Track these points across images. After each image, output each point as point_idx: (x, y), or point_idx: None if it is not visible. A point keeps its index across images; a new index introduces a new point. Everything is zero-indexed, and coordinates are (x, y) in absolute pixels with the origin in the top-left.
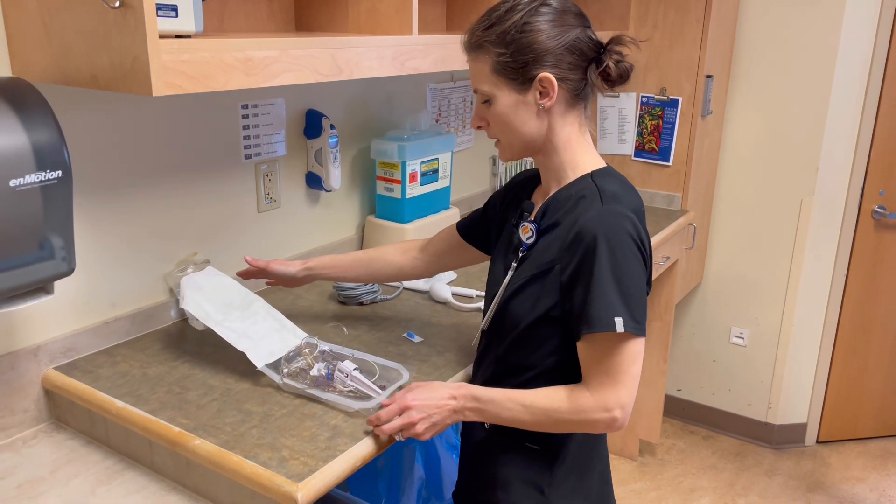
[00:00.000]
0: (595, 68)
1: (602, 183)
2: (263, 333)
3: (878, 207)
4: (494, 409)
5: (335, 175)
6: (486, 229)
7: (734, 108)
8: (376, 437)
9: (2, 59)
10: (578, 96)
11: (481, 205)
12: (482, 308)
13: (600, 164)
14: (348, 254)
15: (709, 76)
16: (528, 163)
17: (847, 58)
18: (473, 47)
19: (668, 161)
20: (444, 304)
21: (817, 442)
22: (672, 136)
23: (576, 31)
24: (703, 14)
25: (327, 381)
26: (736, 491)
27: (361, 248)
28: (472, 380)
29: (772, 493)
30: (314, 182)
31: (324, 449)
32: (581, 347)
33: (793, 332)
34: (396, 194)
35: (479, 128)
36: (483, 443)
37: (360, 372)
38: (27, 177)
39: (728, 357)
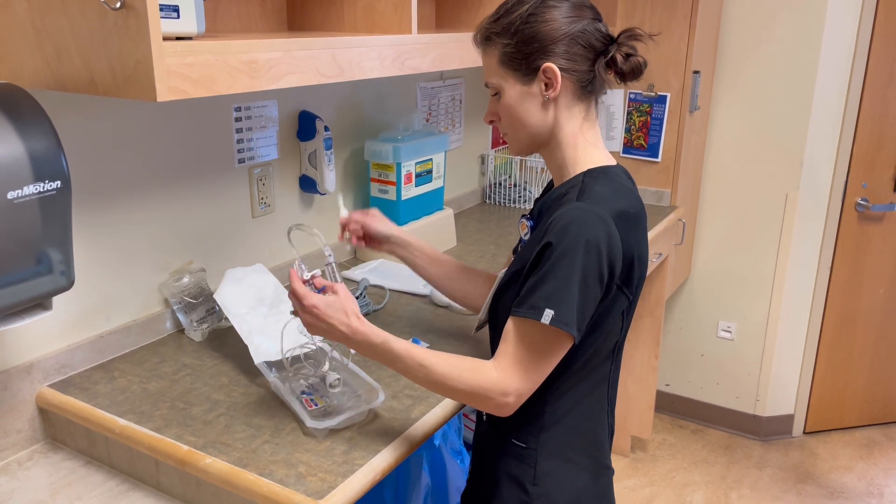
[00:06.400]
0: (603, 60)
1: (590, 181)
2: (279, 333)
3: (861, 200)
4: (389, 358)
5: (330, 178)
6: None
7: (719, 103)
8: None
9: None
10: (586, 89)
11: (471, 205)
12: None
13: (604, 161)
14: (441, 254)
15: (696, 72)
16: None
17: (830, 52)
18: (482, 40)
19: (656, 157)
20: (447, 307)
21: (804, 433)
22: (660, 132)
23: (583, 22)
24: (691, 10)
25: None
26: (728, 484)
27: (355, 251)
28: None
29: (763, 485)
30: (308, 185)
31: (341, 463)
32: (508, 325)
33: (779, 325)
34: (391, 196)
35: (491, 122)
36: (479, 439)
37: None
38: (25, 188)
39: (716, 351)
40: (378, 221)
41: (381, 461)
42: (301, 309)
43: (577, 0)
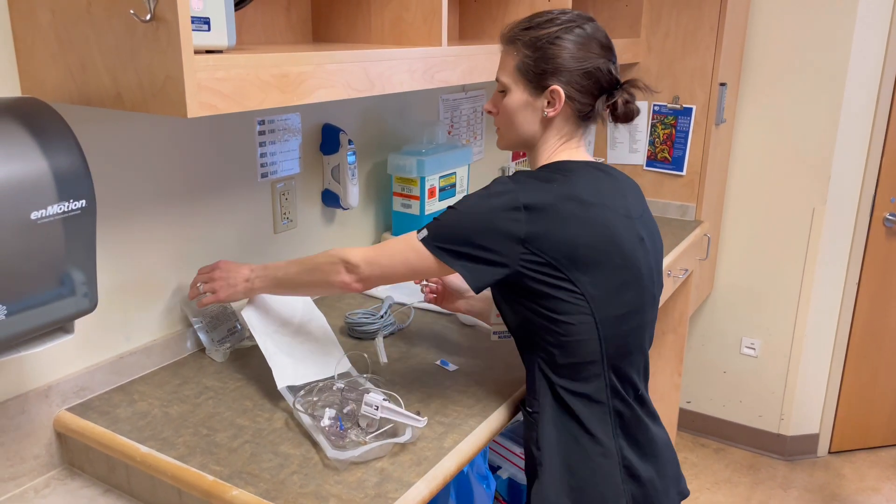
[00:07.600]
0: (605, 100)
1: (539, 170)
2: (305, 354)
3: (890, 215)
4: (272, 270)
5: (353, 192)
6: None
7: (744, 115)
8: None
9: (9, 76)
10: (581, 118)
11: None
12: None
13: (574, 159)
14: None
15: (722, 84)
16: None
17: (858, 64)
18: (508, 40)
19: (681, 171)
20: (472, 326)
21: (829, 452)
22: (685, 145)
23: (599, 60)
24: (718, 21)
25: (340, 433)
26: None
27: None
28: None
29: None
30: (331, 200)
31: (374, 497)
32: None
33: (805, 342)
34: (415, 211)
35: (489, 112)
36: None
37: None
38: (49, 208)
39: (739, 368)
40: (454, 276)
41: (415, 495)
42: (210, 271)
43: (598, 38)
